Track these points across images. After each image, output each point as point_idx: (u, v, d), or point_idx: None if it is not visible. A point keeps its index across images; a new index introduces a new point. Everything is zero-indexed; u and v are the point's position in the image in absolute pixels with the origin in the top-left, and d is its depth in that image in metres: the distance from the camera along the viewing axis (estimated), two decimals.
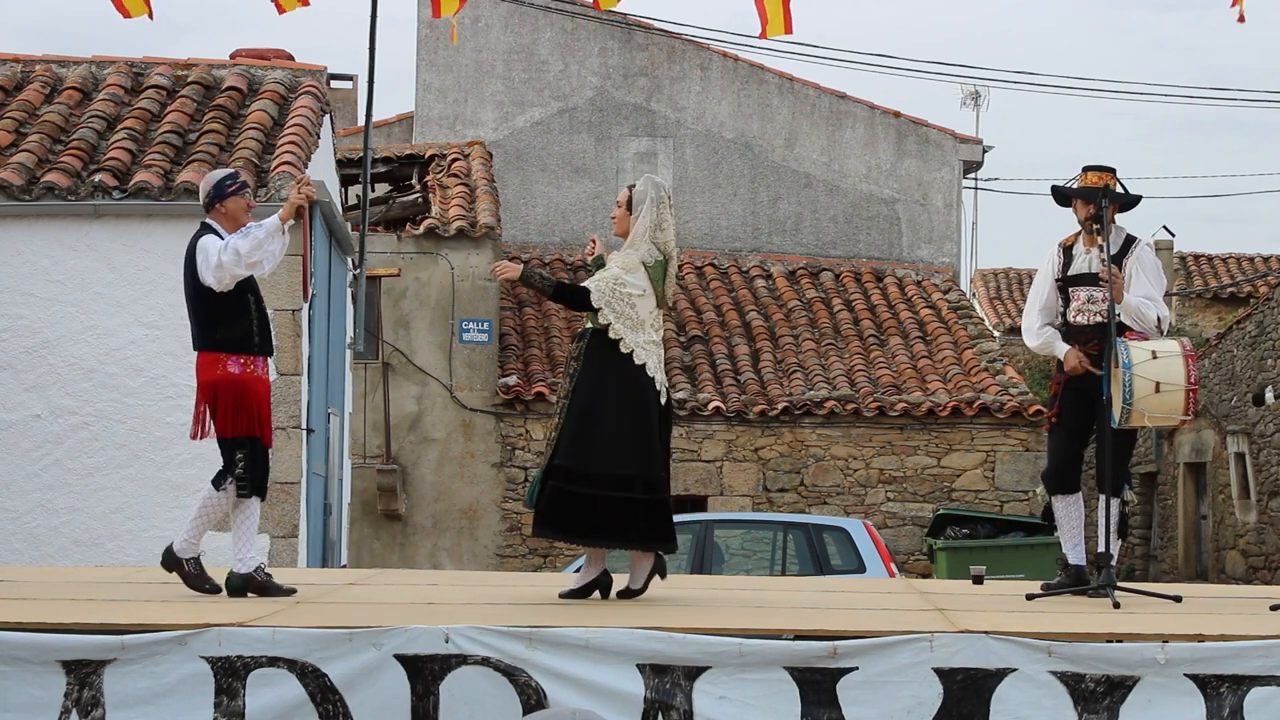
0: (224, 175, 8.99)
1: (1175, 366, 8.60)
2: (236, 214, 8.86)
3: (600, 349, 8.74)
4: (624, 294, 8.70)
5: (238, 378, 8.73)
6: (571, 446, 8.63)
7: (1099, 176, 9.10)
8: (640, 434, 8.68)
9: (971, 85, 38.47)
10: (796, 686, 7.17)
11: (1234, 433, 25.53)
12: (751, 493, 22.79)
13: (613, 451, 8.61)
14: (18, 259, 14.57)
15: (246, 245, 8.63)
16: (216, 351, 8.75)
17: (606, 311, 8.69)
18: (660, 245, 8.80)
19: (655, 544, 8.75)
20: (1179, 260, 35.15)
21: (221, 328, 8.74)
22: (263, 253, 8.68)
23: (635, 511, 8.63)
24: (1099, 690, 7.14)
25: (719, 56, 26.94)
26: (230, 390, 8.72)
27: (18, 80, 16.46)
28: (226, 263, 8.64)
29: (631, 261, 8.76)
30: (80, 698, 7.20)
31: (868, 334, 24.71)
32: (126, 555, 14.29)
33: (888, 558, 17.60)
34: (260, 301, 8.89)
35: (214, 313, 8.74)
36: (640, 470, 8.65)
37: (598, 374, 8.71)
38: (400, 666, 7.21)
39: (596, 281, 8.76)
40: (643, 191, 8.82)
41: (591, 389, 8.69)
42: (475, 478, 22.66)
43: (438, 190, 24.03)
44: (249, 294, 8.80)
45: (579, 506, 8.60)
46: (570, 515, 8.62)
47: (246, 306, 8.78)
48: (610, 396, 8.67)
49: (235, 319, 8.74)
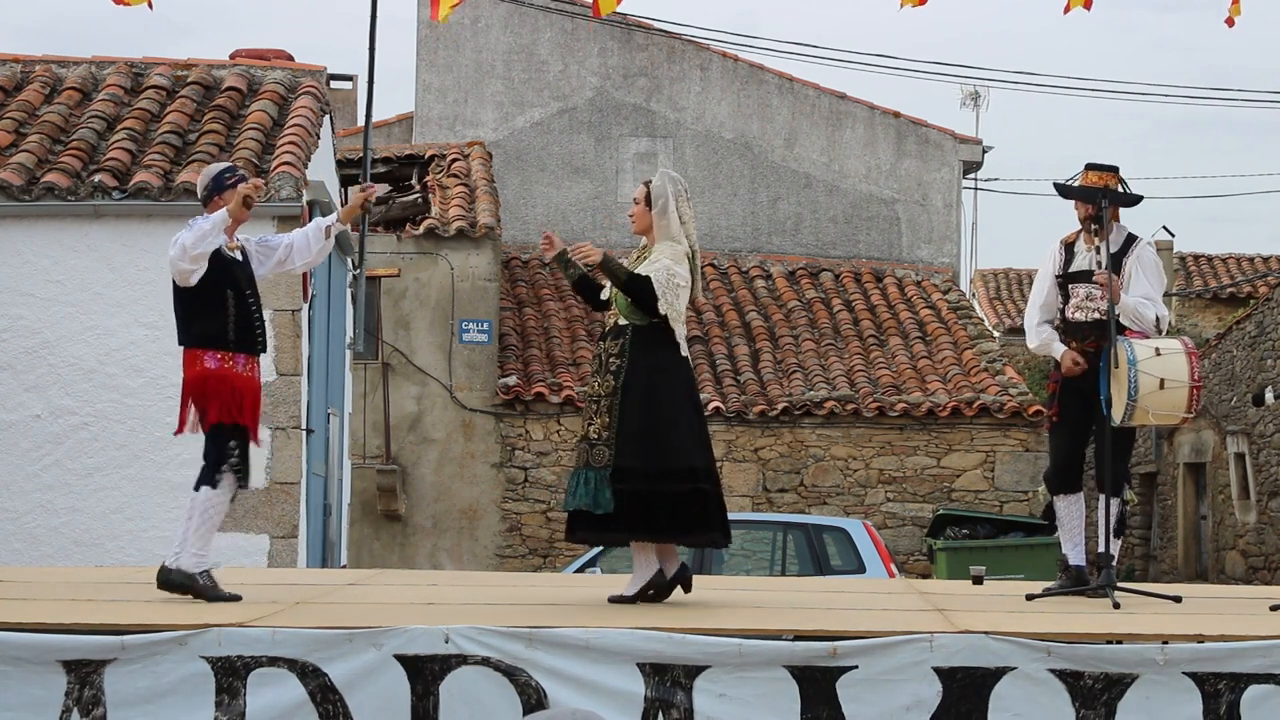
0: (222, 168, 8.89)
1: (1179, 363, 8.60)
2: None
3: (645, 344, 8.60)
4: (675, 285, 8.61)
5: (215, 373, 8.61)
6: (639, 445, 8.48)
7: (1099, 176, 9.10)
8: (698, 425, 8.65)
9: (971, 85, 38.56)
10: (796, 685, 7.18)
11: (1234, 433, 25.54)
12: (751, 493, 22.79)
13: (680, 445, 8.51)
14: (18, 259, 14.57)
15: (191, 238, 8.49)
16: (194, 347, 8.67)
17: (662, 303, 8.56)
18: (689, 238, 8.78)
19: (720, 536, 8.64)
20: (1179, 260, 35.15)
21: (197, 323, 8.66)
22: (207, 245, 8.52)
23: (705, 503, 8.54)
24: (1097, 687, 7.15)
25: (719, 57, 26.94)
26: (208, 385, 8.61)
27: (18, 80, 16.46)
28: (173, 256, 8.56)
29: (678, 253, 8.69)
30: (81, 697, 7.20)
31: (867, 334, 24.72)
32: (126, 555, 14.29)
33: (888, 558, 17.61)
34: (244, 298, 8.71)
35: (189, 308, 8.66)
36: (704, 461, 8.60)
37: (649, 369, 8.57)
38: (400, 667, 7.21)
39: (654, 271, 8.61)
40: (662, 186, 8.75)
41: (646, 385, 8.54)
42: (475, 478, 22.66)
43: (437, 190, 24.03)
44: (228, 289, 8.65)
45: (658, 504, 8.44)
46: (648, 514, 8.44)
47: (223, 302, 8.63)
48: (666, 390, 8.56)
49: (210, 315, 8.63)
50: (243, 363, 8.69)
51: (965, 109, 38.00)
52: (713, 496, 8.59)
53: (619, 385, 8.55)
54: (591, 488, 8.46)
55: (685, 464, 8.50)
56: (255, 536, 14.43)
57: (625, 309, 8.67)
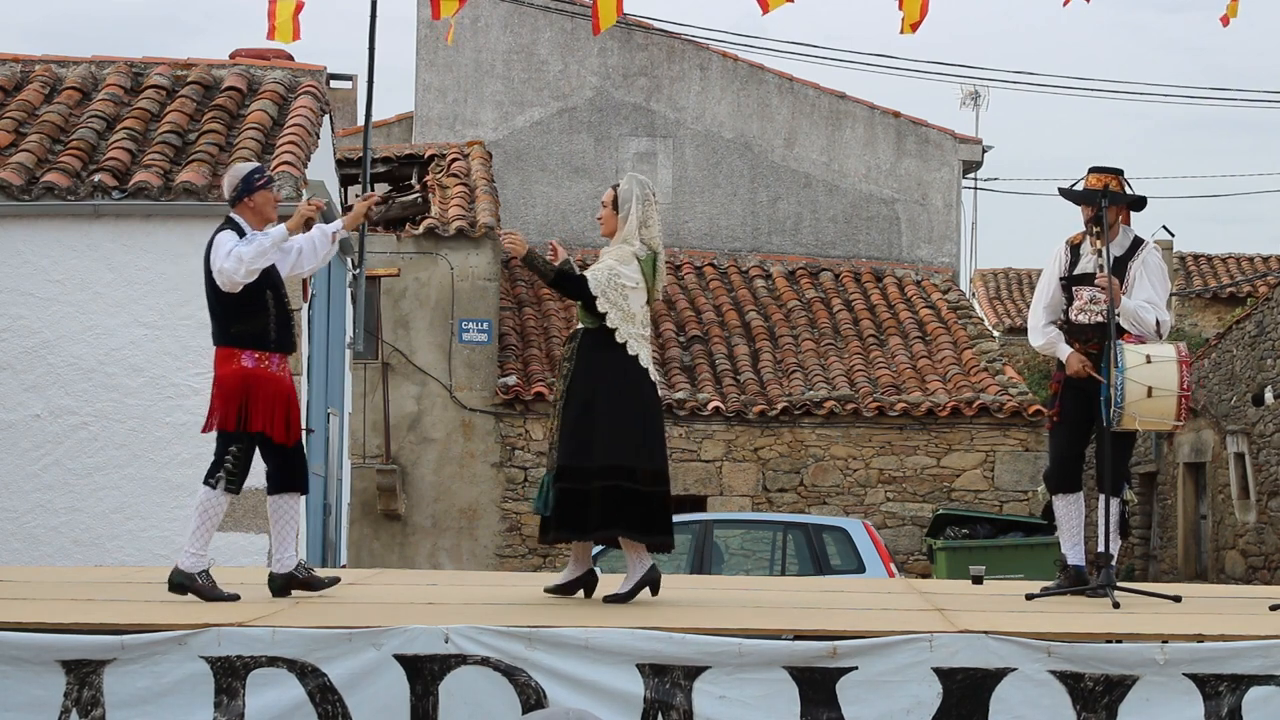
0: (251, 169, 8.92)
1: (1169, 372, 8.62)
2: (264, 208, 8.82)
3: (592, 346, 8.76)
4: (619, 284, 8.73)
5: (251, 372, 8.68)
6: (571, 444, 8.65)
7: (1100, 178, 9.12)
8: (638, 426, 8.71)
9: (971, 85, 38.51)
10: (796, 686, 7.18)
11: (1233, 433, 25.54)
12: (751, 493, 22.79)
13: (612, 443, 8.62)
14: (17, 259, 14.57)
15: (250, 252, 8.58)
16: (231, 346, 8.72)
17: (603, 301, 8.68)
18: (647, 241, 8.86)
19: (654, 535, 8.72)
20: (1179, 260, 35.17)
21: (237, 323, 8.71)
22: (266, 260, 8.63)
23: (636, 501, 8.63)
24: (1098, 689, 7.15)
25: (718, 56, 26.93)
26: (243, 385, 8.67)
27: (17, 80, 16.45)
28: (228, 269, 8.61)
29: (625, 254, 8.81)
30: (80, 697, 7.20)
31: (867, 334, 24.71)
32: (126, 555, 14.28)
33: (887, 558, 17.61)
34: (282, 298, 8.83)
35: (229, 309, 8.71)
36: (640, 461, 8.67)
37: (590, 370, 8.72)
38: (400, 666, 7.21)
39: (593, 271, 8.78)
40: (628, 190, 8.88)
41: (586, 385, 8.71)
42: (475, 478, 22.66)
43: (437, 190, 24.03)
44: (268, 290, 8.75)
45: (584, 501, 8.58)
46: (575, 512, 8.60)
47: (264, 303, 8.73)
48: (605, 389, 8.68)
49: (252, 315, 8.70)
50: (277, 362, 8.79)
51: (965, 109, 38.01)
52: (647, 496, 8.67)
53: (565, 389, 8.75)
54: (544, 490, 8.70)
55: (613, 463, 8.59)
56: (255, 536, 14.42)
57: (581, 313, 8.82)
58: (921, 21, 11.74)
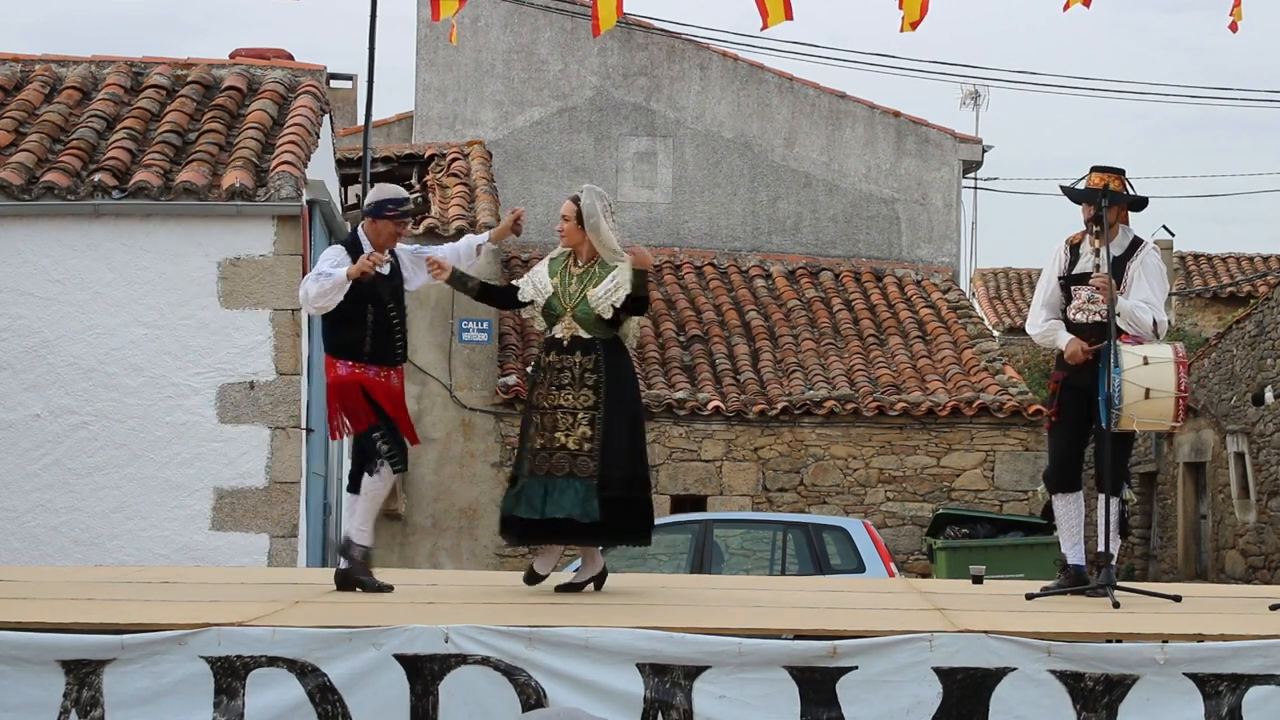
0: (389, 198, 9.21)
1: (1166, 373, 8.64)
2: (381, 234, 9.12)
3: (614, 356, 8.99)
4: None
5: (346, 378, 9.02)
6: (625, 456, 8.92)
7: (1100, 178, 9.12)
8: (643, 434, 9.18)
9: (971, 85, 38.53)
10: (796, 686, 7.18)
11: (1233, 432, 25.54)
12: (751, 492, 22.79)
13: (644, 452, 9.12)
14: (17, 259, 14.57)
15: (315, 290, 8.97)
16: (331, 355, 9.13)
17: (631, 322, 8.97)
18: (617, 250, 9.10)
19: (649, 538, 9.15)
20: (1179, 260, 35.17)
21: (335, 333, 9.10)
22: (328, 300, 8.95)
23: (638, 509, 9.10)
24: (1098, 689, 7.15)
25: (718, 56, 26.93)
26: (343, 389, 9.04)
27: (17, 80, 16.45)
28: (299, 296, 9.25)
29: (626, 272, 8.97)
30: (80, 697, 7.20)
31: (867, 334, 24.71)
32: (126, 555, 14.29)
33: (887, 557, 17.60)
34: (385, 311, 9.07)
35: (330, 319, 9.10)
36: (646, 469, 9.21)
37: (622, 382, 8.96)
38: (400, 666, 7.21)
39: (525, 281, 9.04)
40: (592, 204, 8.98)
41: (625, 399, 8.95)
42: (475, 477, 22.66)
43: (437, 190, 24.03)
44: (369, 304, 9.02)
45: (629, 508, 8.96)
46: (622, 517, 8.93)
47: (362, 316, 9.01)
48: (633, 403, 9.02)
49: (348, 327, 9.03)
50: (374, 373, 9.08)
51: (965, 108, 38.03)
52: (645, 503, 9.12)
53: (600, 399, 8.89)
54: (580, 497, 8.87)
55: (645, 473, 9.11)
56: (255, 536, 14.43)
57: (590, 323, 8.91)
58: (922, 19, 11.69)
